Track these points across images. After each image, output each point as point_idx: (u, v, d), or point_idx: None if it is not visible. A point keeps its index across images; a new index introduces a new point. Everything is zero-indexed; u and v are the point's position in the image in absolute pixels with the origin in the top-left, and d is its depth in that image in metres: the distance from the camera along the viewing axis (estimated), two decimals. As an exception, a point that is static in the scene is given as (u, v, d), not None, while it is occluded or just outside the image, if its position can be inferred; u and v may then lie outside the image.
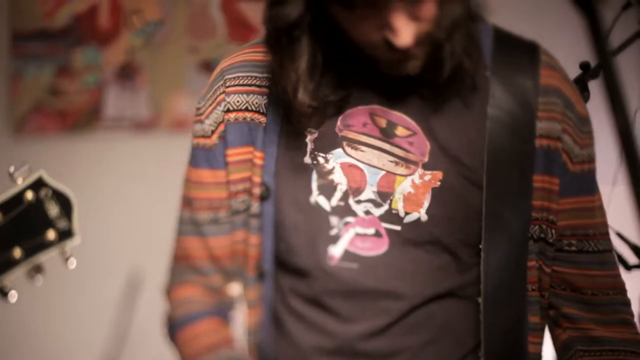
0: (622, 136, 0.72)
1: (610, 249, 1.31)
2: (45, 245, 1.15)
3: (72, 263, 1.18)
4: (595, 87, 1.62)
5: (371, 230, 1.26)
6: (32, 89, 3.16)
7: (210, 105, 1.33)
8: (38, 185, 1.15)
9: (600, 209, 1.30)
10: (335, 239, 1.26)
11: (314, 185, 1.27)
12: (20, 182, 1.15)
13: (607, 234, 1.31)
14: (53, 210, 1.15)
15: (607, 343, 1.28)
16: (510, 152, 1.23)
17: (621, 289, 1.31)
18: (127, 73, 3.19)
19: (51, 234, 1.15)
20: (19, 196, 1.14)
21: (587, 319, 1.29)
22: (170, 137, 3.16)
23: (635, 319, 1.34)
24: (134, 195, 3.17)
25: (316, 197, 1.27)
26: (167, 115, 3.20)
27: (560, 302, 1.30)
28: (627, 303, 1.31)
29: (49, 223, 1.15)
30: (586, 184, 1.28)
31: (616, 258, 1.34)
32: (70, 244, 1.17)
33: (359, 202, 1.26)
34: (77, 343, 3.13)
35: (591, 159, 1.28)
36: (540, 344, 1.30)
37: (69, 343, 3.14)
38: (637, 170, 0.73)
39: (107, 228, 3.14)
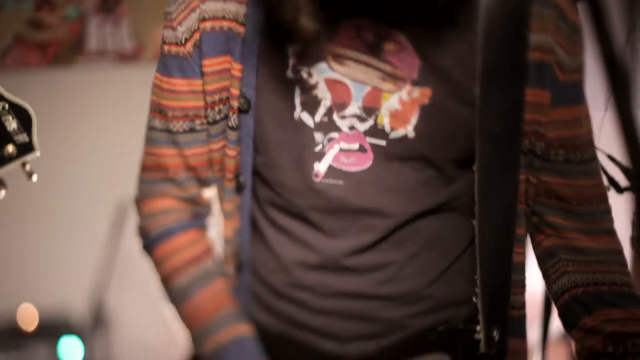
0: (608, 62, 0.72)
1: (594, 157, 1.30)
2: (5, 160, 1.10)
3: (35, 177, 1.13)
4: (579, 11, 1.62)
5: (355, 145, 1.24)
6: (12, 23, 3.11)
7: (183, 10, 1.27)
8: None
9: (587, 118, 1.28)
10: (320, 156, 1.25)
11: (297, 100, 1.24)
12: (-25, 97, 1.10)
13: (593, 142, 1.29)
14: (11, 124, 1.11)
15: (592, 254, 1.28)
16: (503, 66, 1.18)
17: (604, 197, 1.31)
18: (108, 5, 3.14)
19: (10, 148, 1.11)
20: (-26, 111, 1.09)
21: (571, 228, 1.29)
22: (154, 68, 3.14)
23: (627, 242, 1.34)
24: (119, 126, 3.16)
25: (299, 113, 1.24)
26: (150, 46, 3.18)
27: (545, 210, 1.30)
28: (609, 210, 1.31)
29: (7, 137, 1.10)
30: (575, 93, 1.26)
31: (601, 168, 1.32)
32: (31, 158, 1.13)
33: (343, 117, 1.24)
34: (67, 271, 3.16)
35: (580, 69, 1.25)
36: (524, 254, 1.30)
37: (59, 271, 3.18)
38: (623, 97, 0.73)
39: (92, 159, 3.15)
